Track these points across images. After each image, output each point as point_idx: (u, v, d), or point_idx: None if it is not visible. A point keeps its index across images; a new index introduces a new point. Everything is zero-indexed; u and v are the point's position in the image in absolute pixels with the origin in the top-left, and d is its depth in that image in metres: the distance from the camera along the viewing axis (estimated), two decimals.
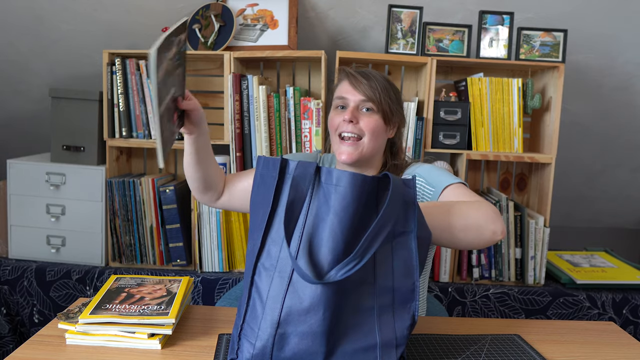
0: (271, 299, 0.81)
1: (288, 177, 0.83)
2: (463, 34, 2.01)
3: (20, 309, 2.00)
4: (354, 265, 0.78)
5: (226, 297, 1.50)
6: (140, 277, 1.08)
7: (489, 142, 2.00)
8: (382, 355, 0.81)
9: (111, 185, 1.99)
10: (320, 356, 0.80)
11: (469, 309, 1.98)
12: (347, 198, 0.80)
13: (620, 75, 2.23)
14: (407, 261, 0.84)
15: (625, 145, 2.39)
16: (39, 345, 0.89)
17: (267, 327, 0.80)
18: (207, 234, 2.00)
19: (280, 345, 0.80)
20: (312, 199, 0.83)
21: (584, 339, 1.02)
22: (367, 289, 0.83)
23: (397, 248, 0.84)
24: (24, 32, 2.19)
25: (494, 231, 0.98)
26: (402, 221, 0.84)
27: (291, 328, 0.80)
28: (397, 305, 0.84)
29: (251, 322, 0.82)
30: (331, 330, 0.80)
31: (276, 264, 0.82)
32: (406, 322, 0.84)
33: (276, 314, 0.80)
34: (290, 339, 0.80)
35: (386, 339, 0.82)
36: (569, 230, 2.59)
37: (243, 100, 1.96)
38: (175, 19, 2.13)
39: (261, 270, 0.83)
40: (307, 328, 0.79)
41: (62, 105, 2.03)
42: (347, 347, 0.81)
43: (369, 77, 1.20)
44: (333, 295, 0.79)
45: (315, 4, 2.12)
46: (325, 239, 0.80)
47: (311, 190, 0.83)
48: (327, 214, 0.81)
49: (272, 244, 0.83)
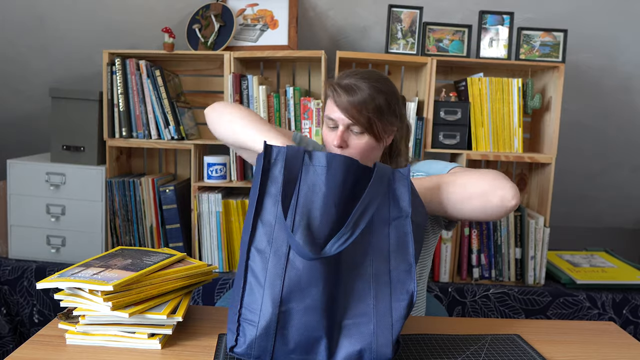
0: (270, 278, 0.83)
1: (278, 162, 0.87)
2: (463, 34, 2.01)
3: (20, 309, 2.00)
4: (347, 238, 0.82)
5: (226, 297, 1.50)
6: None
7: (489, 142, 2.00)
8: (377, 331, 0.84)
9: (111, 185, 1.99)
10: (322, 330, 0.82)
11: (469, 309, 1.98)
12: (338, 175, 0.86)
13: (620, 75, 2.23)
14: (403, 245, 0.88)
15: (625, 145, 2.39)
16: (39, 345, 0.89)
17: (269, 306, 0.82)
18: (207, 234, 2.00)
19: (284, 322, 0.82)
20: (302, 179, 0.87)
21: (584, 339, 1.02)
22: (364, 270, 0.86)
23: (394, 232, 0.88)
24: (24, 32, 2.19)
25: (502, 196, 0.96)
26: (397, 207, 0.89)
27: (294, 304, 0.82)
28: (395, 285, 0.87)
29: (251, 306, 0.83)
30: (330, 304, 0.83)
31: (270, 245, 0.84)
32: (402, 301, 0.86)
33: (277, 292, 0.82)
34: (294, 314, 0.82)
35: (382, 318, 0.84)
36: (569, 230, 2.59)
37: (243, 100, 1.96)
38: (175, 19, 2.14)
39: (255, 254, 0.85)
40: (310, 302, 0.82)
41: (62, 105, 2.03)
42: (346, 322, 0.84)
43: (355, 92, 1.10)
44: (330, 272, 0.83)
45: (315, 4, 2.12)
46: (319, 215, 0.85)
47: (300, 172, 0.87)
48: (319, 192, 0.85)
49: (264, 226, 0.85)
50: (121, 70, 1.98)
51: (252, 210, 0.86)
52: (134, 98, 2.00)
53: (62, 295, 0.93)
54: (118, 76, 1.98)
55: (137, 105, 2.00)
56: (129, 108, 2.01)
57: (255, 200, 0.86)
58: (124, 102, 2.00)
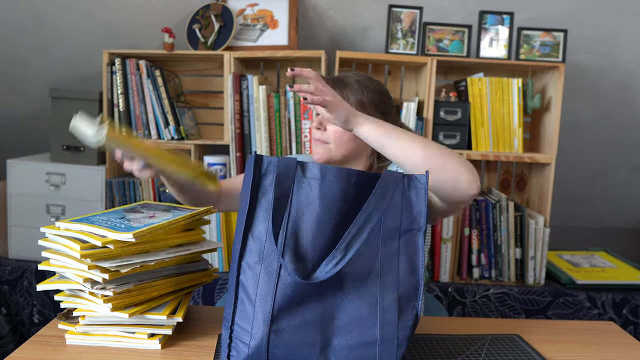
0: (260, 297, 0.80)
1: (269, 173, 0.84)
2: (463, 34, 2.01)
3: (20, 309, 2.00)
4: (339, 260, 0.79)
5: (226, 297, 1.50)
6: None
7: (489, 142, 2.00)
8: (382, 353, 0.80)
9: (111, 185, 1.99)
10: (317, 347, 0.80)
11: (469, 309, 1.98)
12: (334, 191, 0.82)
13: (621, 75, 2.23)
14: (413, 259, 0.84)
15: (625, 145, 2.39)
16: (39, 346, 0.89)
17: (260, 325, 0.80)
18: (207, 234, 2.00)
19: (276, 341, 0.80)
20: (294, 194, 0.83)
21: (584, 339, 1.02)
22: (371, 284, 0.82)
23: (404, 245, 0.84)
24: (24, 32, 2.19)
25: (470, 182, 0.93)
26: (409, 218, 0.84)
27: (284, 323, 0.80)
28: (402, 303, 0.82)
29: (242, 323, 0.82)
30: (326, 321, 0.80)
31: (261, 261, 0.81)
32: (409, 321, 0.82)
33: (268, 311, 0.80)
34: (285, 333, 0.80)
35: (387, 336, 0.81)
36: (569, 230, 2.59)
37: (243, 100, 1.96)
38: (175, 19, 2.14)
39: (246, 269, 0.83)
40: (301, 319, 0.80)
41: (62, 105, 2.03)
42: (345, 341, 0.81)
43: (341, 81, 1.19)
44: (329, 288, 0.80)
45: (315, 4, 2.12)
46: (312, 232, 0.81)
47: (293, 186, 0.84)
48: (313, 208, 0.82)
49: (254, 241, 0.83)
50: (121, 70, 1.98)
51: (242, 224, 0.83)
52: (134, 98, 2.00)
53: (62, 296, 0.93)
54: (118, 76, 1.98)
55: (137, 105, 2.00)
56: (129, 108, 2.01)
57: (245, 214, 0.83)
58: (124, 102, 2.00)
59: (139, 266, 0.89)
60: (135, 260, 0.88)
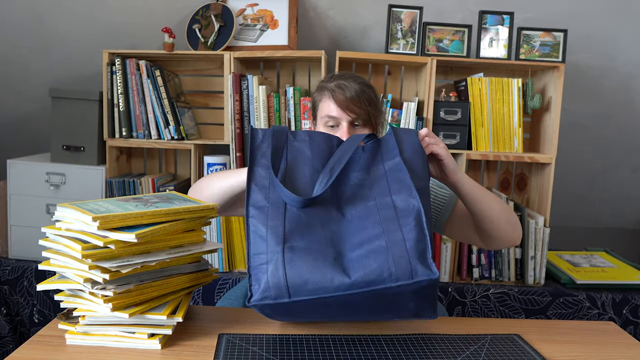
0: (271, 224, 0.88)
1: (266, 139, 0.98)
2: (463, 34, 2.01)
3: (20, 309, 2.00)
4: (327, 179, 0.92)
5: (226, 297, 1.49)
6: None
7: (489, 142, 2.00)
8: (393, 250, 0.84)
9: (111, 185, 1.99)
10: (330, 258, 0.84)
11: (469, 309, 1.98)
12: (321, 144, 1.00)
13: (620, 76, 2.23)
14: (402, 181, 0.94)
15: (625, 145, 2.39)
16: (39, 345, 0.89)
17: (274, 248, 0.85)
18: (207, 234, 2.00)
19: (291, 257, 0.84)
20: (288, 147, 0.99)
21: (584, 339, 1.02)
22: (368, 203, 0.92)
23: (390, 170, 0.96)
24: (24, 32, 2.19)
25: (520, 235, 1.15)
26: (390, 153, 0.99)
27: (296, 241, 0.86)
28: (401, 217, 0.89)
29: (257, 252, 0.86)
30: (335, 242, 0.87)
31: (268, 201, 0.91)
32: (412, 232, 0.86)
33: (280, 232, 0.87)
34: (298, 250, 0.85)
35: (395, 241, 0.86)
36: (569, 230, 2.59)
37: (243, 100, 1.96)
38: (175, 19, 2.14)
39: (254, 210, 0.91)
40: (311, 238, 0.87)
41: (62, 105, 2.03)
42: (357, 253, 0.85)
43: (348, 89, 1.21)
44: (329, 210, 0.91)
45: (315, 4, 2.12)
46: (307, 175, 0.96)
47: (286, 144, 1.00)
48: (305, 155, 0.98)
49: (259, 188, 0.93)
50: (121, 71, 1.98)
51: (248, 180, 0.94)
52: (134, 98, 2.00)
53: (63, 296, 0.93)
54: (118, 76, 1.98)
55: (137, 105, 2.00)
56: (129, 108, 2.01)
57: (250, 171, 0.94)
58: (124, 102, 2.00)
59: (140, 266, 0.89)
60: (136, 260, 0.88)
